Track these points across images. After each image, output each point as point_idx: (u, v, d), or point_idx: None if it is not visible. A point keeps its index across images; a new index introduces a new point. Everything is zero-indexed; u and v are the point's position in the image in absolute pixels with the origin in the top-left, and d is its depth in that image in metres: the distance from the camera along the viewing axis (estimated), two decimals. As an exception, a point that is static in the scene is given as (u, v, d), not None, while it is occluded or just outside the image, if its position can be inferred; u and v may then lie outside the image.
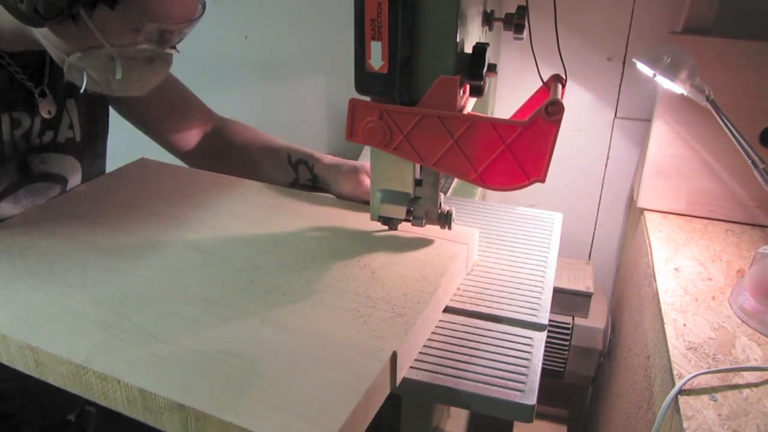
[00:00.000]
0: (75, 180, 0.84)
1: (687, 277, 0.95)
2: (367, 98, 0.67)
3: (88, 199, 0.83)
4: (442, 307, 0.71)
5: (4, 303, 0.63)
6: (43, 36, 0.65)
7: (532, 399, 0.60)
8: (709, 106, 0.92)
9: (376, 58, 0.63)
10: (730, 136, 0.89)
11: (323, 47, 1.43)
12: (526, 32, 0.69)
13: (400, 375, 0.60)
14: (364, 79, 0.65)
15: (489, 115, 1.23)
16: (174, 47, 0.70)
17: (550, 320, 0.71)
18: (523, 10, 0.68)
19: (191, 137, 1.00)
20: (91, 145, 0.85)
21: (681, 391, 0.71)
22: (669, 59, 0.94)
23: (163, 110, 0.95)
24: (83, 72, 0.66)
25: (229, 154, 1.00)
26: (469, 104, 0.70)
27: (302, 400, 0.51)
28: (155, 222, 0.79)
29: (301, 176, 0.93)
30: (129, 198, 0.85)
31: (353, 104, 0.67)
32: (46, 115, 0.77)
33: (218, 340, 0.58)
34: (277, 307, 0.63)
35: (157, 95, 0.88)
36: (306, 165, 0.92)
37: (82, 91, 0.68)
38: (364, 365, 0.55)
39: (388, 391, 0.59)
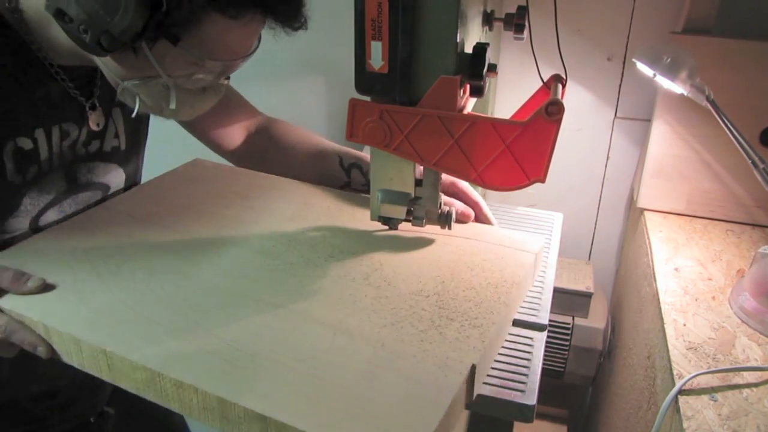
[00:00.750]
0: (117, 185, 0.86)
1: (687, 277, 0.95)
2: (367, 98, 0.67)
3: (146, 200, 0.83)
4: (512, 318, 0.70)
5: (75, 304, 0.62)
6: (102, 61, 0.66)
7: (532, 399, 0.60)
8: (709, 106, 0.92)
9: (377, 58, 0.63)
10: (730, 136, 0.89)
11: (323, 47, 1.43)
12: (526, 32, 0.69)
13: (477, 389, 0.59)
14: (364, 79, 0.64)
15: (489, 115, 1.23)
16: (227, 77, 0.72)
17: (550, 320, 0.71)
18: (523, 10, 0.68)
19: (235, 135, 0.99)
20: (135, 153, 0.87)
21: (681, 391, 0.71)
22: (669, 59, 0.94)
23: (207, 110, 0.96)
24: (136, 97, 0.68)
25: (275, 154, 0.99)
26: (470, 104, 0.70)
27: (384, 413, 0.49)
28: (214, 223, 0.79)
29: (354, 180, 0.93)
30: (186, 199, 0.84)
31: (353, 104, 0.67)
32: (95, 128, 0.78)
33: (293, 348, 0.57)
34: (348, 315, 0.62)
35: None
36: (360, 170, 0.92)
37: (134, 114, 0.70)
38: (443, 378, 0.54)
39: (464, 407, 0.57)
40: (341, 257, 0.73)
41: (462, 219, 0.82)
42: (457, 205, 0.83)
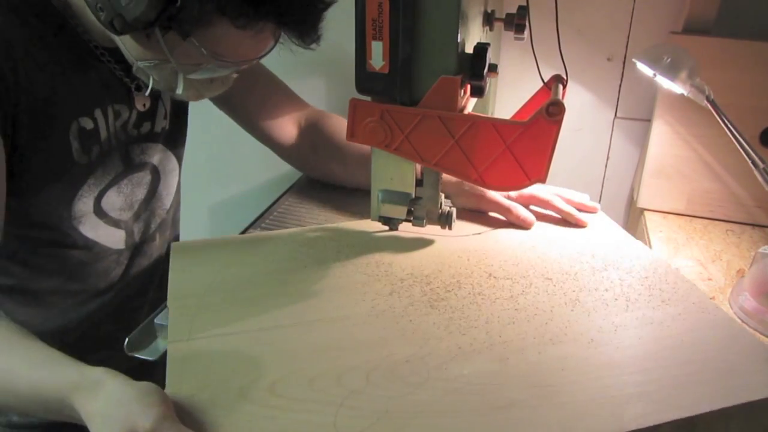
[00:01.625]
0: (171, 168, 0.89)
1: (687, 277, 0.95)
2: (367, 98, 0.67)
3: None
4: None
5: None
6: (118, 39, 0.68)
7: (532, 399, 0.60)
8: (709, 106, 0.92)
9: (377, 58, 0.63)
10: (730, 136, 0.89)
11: (323, 47, 1.42)
12: (526, 32, 0.69)
13: None
14: (364, 79, 0.64)
15: (490, 116, 1.23)
16: (237, 72, 0.73)
17: (550, 320, 0.71)
18: (523, 10, 0.68)
19: (286, 128, 0.99)
20: (179, 135, 0.90)
21: (681, 391, 0.71)
22: (669, 59, 0.94)
23: (257, 100, 0.97)
24: (149, 77, 0.70)
25: (326, 151, 0.99)
26: (470, 104, 0.70)
27: None
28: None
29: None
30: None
31: (354, 104, 0.67)
32: (141, 108, 0.81)
33: None
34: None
35: (251, 84, 0.92)
36: None
37: (148, 93, 0.74)
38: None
39: None
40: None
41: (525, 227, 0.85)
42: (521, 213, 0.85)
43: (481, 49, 0.65)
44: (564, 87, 0.71)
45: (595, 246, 0.80)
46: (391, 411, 0.51)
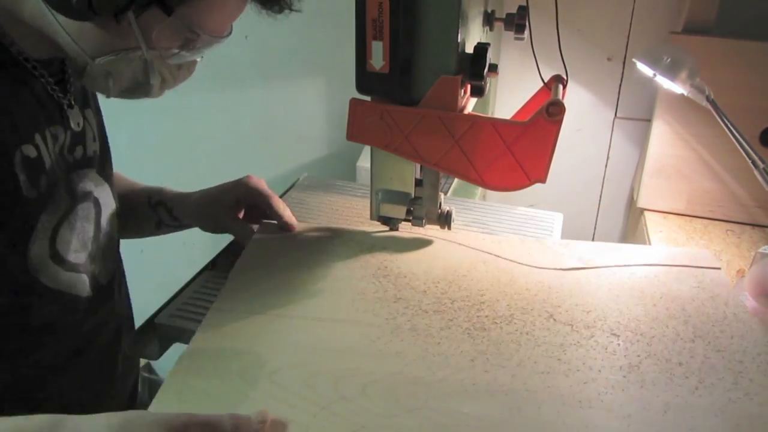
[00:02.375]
0: (108, 199, 0.77)
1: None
2: (367, 98, 0.67)
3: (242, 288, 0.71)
4: None
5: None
6: (74, 35, 0.60)
7: (532, 399, 0.60)
8: (709, 106, 0.92)
9: (377, 58, 0.63)
10: (730, 136, 0.89)
11: (323, 47, 1.43)
12: (526, 32, 0.69)
13: None
14: (364, 79, 0.64)
15: (490, 116, 1.23)
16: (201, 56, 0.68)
17: (550, 320, 0.71)
18: (523, 11, 0.68)
19: None
20: (107, 157, 0.79)
21: (681, 391, 0.71)
22: (669, 59, 0.94)
23: None
24: (108, 77, 0.63)
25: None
26: (470, 104, 0.70)
27: None
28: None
29: (162, 218, 0.88)
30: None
31: (354, 104, 0.67)
32: (76, 128, 0.70)
33: None
34: None
35: None
36: (165, 206, 0.87)
37: (109, 97, 0.65)
38: None
39: None
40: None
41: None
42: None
43: (481, 49, 0.65)
44: (564, 87, 0.71)
45: (693, 313, 0.68)
46: (368, 427, 0.50)
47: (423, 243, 0.79)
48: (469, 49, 0.65)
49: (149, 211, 0.88)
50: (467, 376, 0.56)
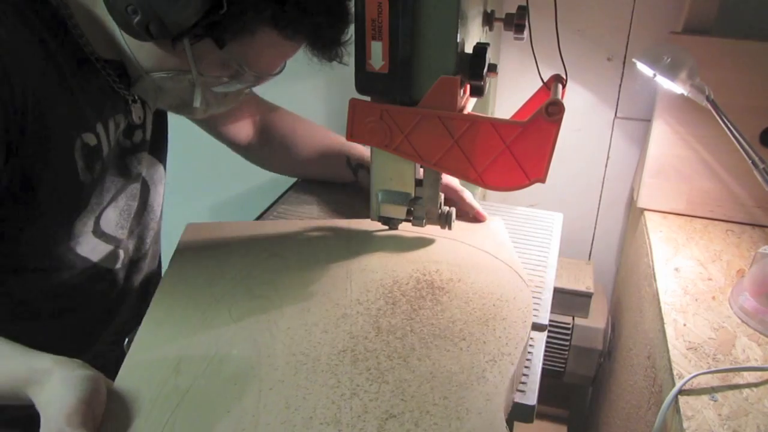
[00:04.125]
0: (158, 177, 0.84)
1: (687, 277, 0.95)
2: (367, 98, 0.68)
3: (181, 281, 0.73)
4: None
5: None
6: (133, 50, 0.65)
7: (532, 399, 0.60)
8: (709, 106, 0.92)
9: (377, 58, 0.63)
10: (730, 136, 0.89)
11: (323, 47, 1.42)
12: (526, 32, 0.69)
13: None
14: (364, 79, 0.65)
15: (489, 116, 1.23)
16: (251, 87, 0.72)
17: (550, 320, 0.72)
18: (523, 10, 0.68)
19: (244, 129, 0.99)
20: (162, 141, 0.85)
21: (681, 391, 0.71)
22: (669, 59, 0.94)
23: None
24: (157, 91, 0.67)
25: (280, 150, 0.99)
26: (470, 104, 0.70)
27: None
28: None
29: (361, 180, 0.96)
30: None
31: (354, 104, 0.67)
32: (137, 121, 0.76)
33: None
34: None
35: None
36: (367, 170, 0.93)
37: (153, 109, 0.70)
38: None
39: None
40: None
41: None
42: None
43: (481, 49, 0.65)
44: (563, 87, 0.71)
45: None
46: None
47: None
48: (469, 49, 0.66)
49: (348, 171, 0.98)
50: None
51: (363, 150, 0.96)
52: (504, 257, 0.78)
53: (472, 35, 0.68)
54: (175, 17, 0.56)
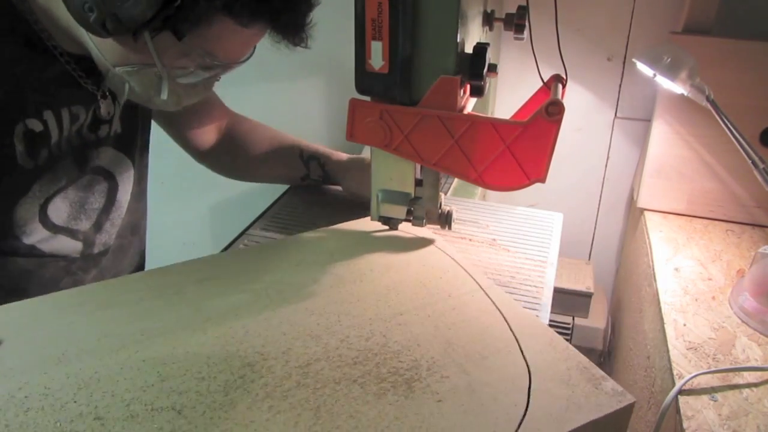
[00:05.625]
0: (125, 176, 0.83)
1: (687, 277, 0.95)
2: (367, 98, 0.67)
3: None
4: None
5: None
6: (96, 45, 0.65)
7: (532, 399, 0.60)
8: (709, 106, 0.92)
9: (377, 58, 0.63)
10: (730, 136, 0.89)
11: (323, 47, 1.42)
12: (526, 32, 0.69)
13: None
14: (364, 79, 0.64)
15: (489, 115, 1.23)
16: (218, 77, 0.72)
17: (550, 320, 0.71)
18: (523, 10, 0.68)
19: (209, 135, 1.00)
20: (133, 136, 0.84)
21: (681, 391, 0.71)
22: (669, 59, 0.94)
23: (189, 109, 0.94)
24: (125, 84, 0.67)
25: (240, 155, 1.01)
26: (470, 104, 0.70)
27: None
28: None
29: (312, 172, 0.99)
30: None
31: (353, 104, 0.67)
32: (105, 116, 0.76)
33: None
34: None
35: None
36: (318, 161, 0.98)
37: (122, 102, 0.70)
38: None
39: None
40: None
41: None
42: None
43: (481, 49, 0.65)
44: (564, 87, 0.71)
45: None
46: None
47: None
48: (469, 48, 0.65)
49: (300, 164, 0.99)
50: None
51: (316, 145, 1.00)
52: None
53: (472, 35, 0.68)
54: (130, 12, 0.57)
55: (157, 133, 0.93)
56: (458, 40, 0.62)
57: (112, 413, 0.49)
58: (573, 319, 1.18)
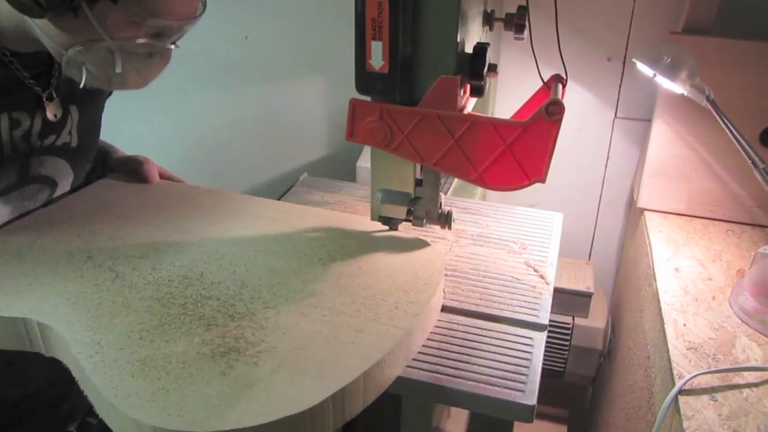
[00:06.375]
0: (65, 183, 0.83)
1: (687, 277, 0.95)
2: (367, 98, 0.67)
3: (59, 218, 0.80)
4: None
5: None
6: (42, 29, 0.64)
7: (532, 399, 0.60)
8: (709, 106, 0.92)
9: (377, 58, 0.63)
10: (730, 136, 0.89)
11: (323, 47, 1.43)
12: (526, 32, 0.69)
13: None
14: (364, 79, 0.65)
15: (489, 115, 1.23)
16: (174, 43, 0.70)
17: (550, 320, 0.72)
18: (523, 10, 0.68)
19: None
20: (85, 152, 0.85)
21: (681, 391, 0.71)
22: (669, 59, 0.94)
23: None
24: (82, 66, 0.66)
25: None
26: (470, 104, 0.70)
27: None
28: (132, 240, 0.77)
29: (95, 165, 0.94)
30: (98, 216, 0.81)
31: (354, 104, 0.67)
32: (52, 119, 0.76)
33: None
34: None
35: None
36: (100, 154, 0.94)
37: (81, 85, 0.68)
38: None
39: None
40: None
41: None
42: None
43: (481, 49, 0.65)
44: (564, 87, 0.71)
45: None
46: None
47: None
48: (469, 48, 0.66)
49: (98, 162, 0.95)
50: None
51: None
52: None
53: (472, 35, 0.68)
54: None
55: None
56: (458, 40, 0.62)
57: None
58: (573, 319, 1.18)
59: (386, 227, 0.80)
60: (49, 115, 0.75)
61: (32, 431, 0.87)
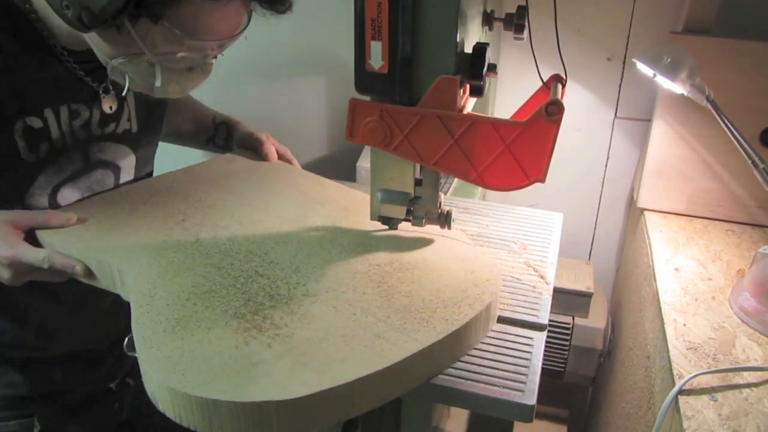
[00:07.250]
0: (128, 166, 0.88)
1: (687, 277, 0.95)
2: (367, 98, 0.67)
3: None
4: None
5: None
6: (89, 38, 0.68)
7: (532, 399, 0.60)
8: (709, 106, 0.92)
9: (376, 57, 0.63)
10: (730, 136, 0.89)
11: (323, 47, 1.43)
12: (526, 32, 0.69)
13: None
14: (364, 78, 0.65)
15: (489, 115, 1.23)
16: (214, 57, 0.73)
17: (550, 320, 0.72)
18: (523, 10, 0.68)
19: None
20: (146, 138, 0.89)
21: (681, 391, 0.71)
22: (669, 59, 0.94)
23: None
24: (125, 75, 0.69)
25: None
26: (469, 104, 0.70)
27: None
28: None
29: (219, 135, 1.04)
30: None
31: (353, 104, 0.67)
32: (108, 111, 0.80)
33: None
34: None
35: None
36: (225, 125, 1.03)
37: (124, 93, 0.74)
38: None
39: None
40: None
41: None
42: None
43: (480, 48, 0.65)
44: (563, 87, 0.71)
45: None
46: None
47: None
48: (468, 48, 0.66)
49: (209, 125, 1.04)
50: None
51: (230, 116, 1.04)
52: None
53: (471, 35, 0.68)
54: (100, 4, 0.59)
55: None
56: (458, 40, 0.62)
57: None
58: (573, 319, 1.18)
59: (386, 227, 0.80)
60: (105, 108, 0.80)
61: (73, 389, 0.91)
